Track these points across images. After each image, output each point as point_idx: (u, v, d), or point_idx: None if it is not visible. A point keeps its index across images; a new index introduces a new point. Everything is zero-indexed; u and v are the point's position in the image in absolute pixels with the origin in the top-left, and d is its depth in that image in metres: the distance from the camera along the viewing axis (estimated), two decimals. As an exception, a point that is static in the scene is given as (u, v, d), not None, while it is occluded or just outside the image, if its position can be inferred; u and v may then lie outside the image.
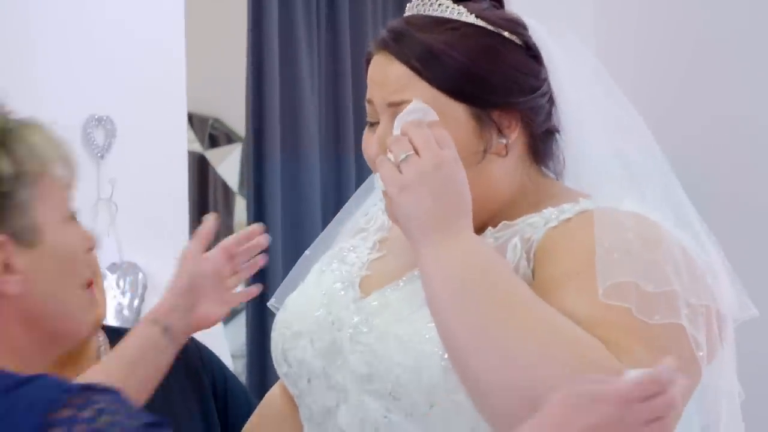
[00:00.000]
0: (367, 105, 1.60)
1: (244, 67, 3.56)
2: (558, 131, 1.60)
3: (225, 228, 4.81)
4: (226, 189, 4.86)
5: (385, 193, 1.53)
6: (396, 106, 1.54)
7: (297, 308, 1.66)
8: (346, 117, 3.69)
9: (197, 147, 4.67)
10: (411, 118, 1.51)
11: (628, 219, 1.48)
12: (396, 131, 1.52)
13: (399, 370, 1.49)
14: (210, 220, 1.80)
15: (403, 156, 1.47)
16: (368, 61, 1.60)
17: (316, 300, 1.64)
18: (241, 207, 4.72)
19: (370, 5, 3.76)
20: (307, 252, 1.84)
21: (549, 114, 1.58)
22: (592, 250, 1.44)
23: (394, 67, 1.55)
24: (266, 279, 3.01)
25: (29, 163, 1.31)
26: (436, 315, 1.44)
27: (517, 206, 1.57)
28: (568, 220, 1.51)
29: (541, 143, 1.59)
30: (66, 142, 1.38)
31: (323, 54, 3.69)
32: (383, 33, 1.59)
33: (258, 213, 3.56)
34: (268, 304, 1.87)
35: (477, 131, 1.55)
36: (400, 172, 1.47)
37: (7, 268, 1.29)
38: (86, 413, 1.19)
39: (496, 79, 1.54)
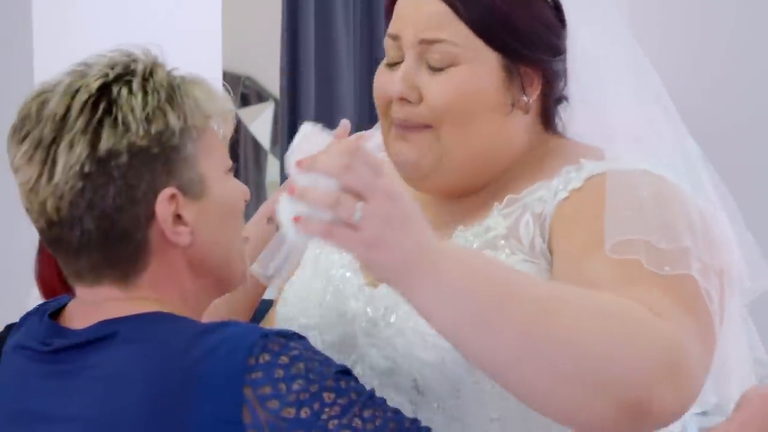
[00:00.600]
0: (388, 41, 1.53)
1: (279, 26, 3.56)
2: (567, 99, 1.57)
3: (256, 186, 4.83)
4: (257, 147, 4.87)
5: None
6: (429, 44, 1.49)
7: (299, 301, 1.59)
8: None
9: (229, 105, 4.68)
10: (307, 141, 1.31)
11: (641, 178, 1.45)
12: (291, 157, 1.27)
13: (421, 364, 1.45)
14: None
15: (357, 215, 1.25)
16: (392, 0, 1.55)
17: (317, 290, 1.58)
18: (273, 166, 4.72)
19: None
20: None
21: (565, 81, 1.55)
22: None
23: (432, 4, 1.49)
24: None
25: (194, 118, 1.35)
26: (465, 348, 1.32)
27: (524, 165, 1.54)
28: (579, 189, 1.47)
29: (553, 107, 1.56)
30: (225, 96, 1.43)
31: (359, 13, 3.68)
32: None
33: (290, 172, 3.57)
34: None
35: (506, 83, 1.51)
36: (356, 229, 1.26)
37: (178, 219, 1.34)
38: (284, 359, 1.26)
39: (532, 33, 1.52)
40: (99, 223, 1.32)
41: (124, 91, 1.32)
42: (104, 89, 1.32)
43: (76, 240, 1.33)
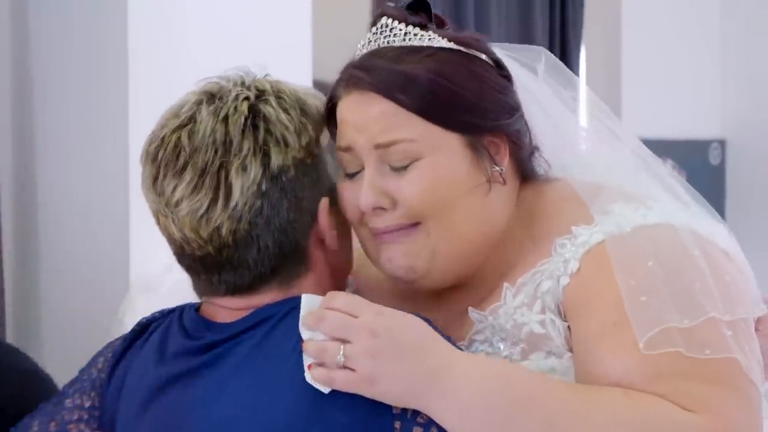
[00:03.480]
0: (342, 154, 1.46)
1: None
2: (538, 149, 1.53)
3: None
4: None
5: None
6: (386, 147, 1.42)
7: None
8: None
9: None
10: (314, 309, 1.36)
11: (640, 242, 1.39)
12: (305, 333, 1.35)
13: None
14: None
15: (341, 358, 1.30)
16: (331, 108, 1.48)
17: None
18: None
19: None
20: None
21: (529, 133, 1.51)
22: (618, 294, 1.36)
23: (375, 104, 1.42)
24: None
25: (319, 127, 1.42)
26: None
27: (514, 234, 1.49)
28: (578, 272, 1.41)
29: (527, 164, 1.52)
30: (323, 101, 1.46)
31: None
32: (351, 71, 1.47)
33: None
34: None
35: (475, 161, 1.46)
36: (353, 369, 1.30)
37: (329, 225, 1.42)
38: None
39: (485, 103, 1.46)
40: (276, 237, 1.38)
41: (270, 109, 1.38)
42: (253, 110, 1.38)
43: (251, 259, 1.37)
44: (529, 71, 1.55)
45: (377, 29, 1.48)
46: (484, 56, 1.48)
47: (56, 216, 2.95)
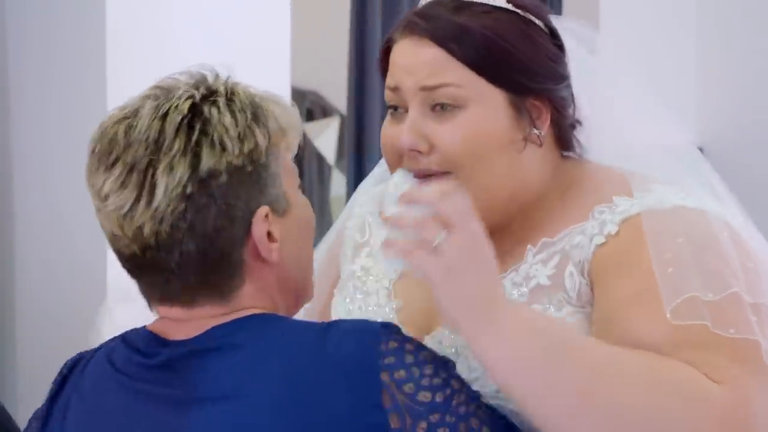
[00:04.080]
0: (389, 93, 1.51)
1: (347, 41, 3.58)
2: (580, 123, 1.55)
3: (320, 202, 4.84)
4: (321, 162, 4.89)
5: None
6: (430, 91, 1.46)
7: None
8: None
9: (295, 119, 4.70)
10: (404, 189, 1.39)
11: (675, 219, 1.43)
12: (390, 208, 1.37)
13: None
14: None
15: (440, 238, 1.32)
16: (386, 51, 1.52)
17: None
18: (338, 181, 4.74)
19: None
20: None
21: (574, 105, 1.53)
22: (650, 264, 1.39)
23: (428, 50, 1.47)
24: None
25: (275, 135, 1.35)
26: (522, 399, 1.34)
27: (550, 200, 1.52)
28: (616, 234, 1.44)
29: (568, 134, 1.54)
30: (296, 111, 1.42)
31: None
32: (410, 17, 1.51)
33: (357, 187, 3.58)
34: None
35: (515, 119, 1.48)
36: (444, 255, 1.31)
37: (269, 236, 1.33)
38: (409, 345, 1.29)
39: (534, 66, 1.48)
40: (199, 244, 1.31)
41: (214, 110, 1.31)
42: (195, 109, 1.31)
43: (173, 263, 1.32)
44: (587, 50, 1.59)
45: None
46: (539, 22, 1.51)
47: (32, 222, 2.94)
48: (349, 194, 3.59)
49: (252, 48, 3.16)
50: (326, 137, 4.88)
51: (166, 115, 1.31)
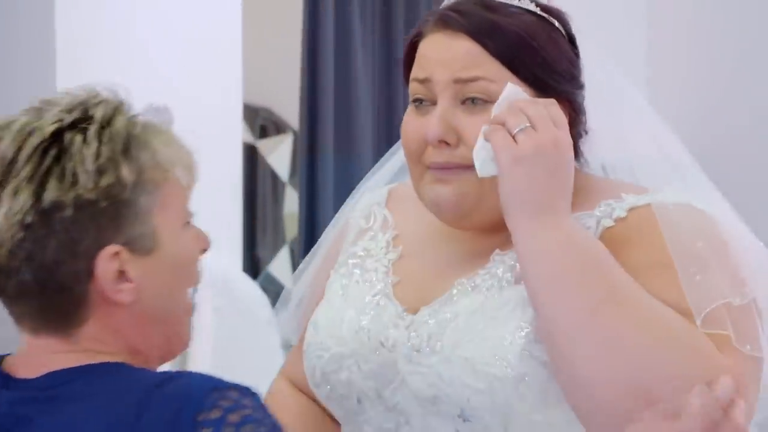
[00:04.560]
0: (416, 85, 1.53)
1: (298, 58, 3.59)
2: (587, 132, 1.58)
3: (274, 218, 4.84)
4: (275, 179, 4.89)
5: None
6: (464, 83, 1.49)
7: (330, 328, 1.59)
8: (400, 109, 3.71)
9: (248, 137, 4.69)
10: (515, 98, 1.47)
11: (687, 217, 1.47)
12: (496, 111, 1.47)
13: (469, 392, 1.46)
14: None
15: (521, 126, 1.42)
16: (414, 45, 1.55)
17: (350, 317, 1.58)
18: (291, 198, 4.74)
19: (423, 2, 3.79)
20: (300, 266, 1.80)
21: (585, 113, 1.56)
22: (664, 245, 1.44)
23: (461, 43, 1.50)
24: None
25: (151, 170, 1.28)
26: (536, 298, 1.42)
27: None
28: (624, 218, 1.49)
29: (576, 141, 1.56)
30: (187, 147, 1.35)
31: (378, 46, 3.70)
32: (442, 12, 1.53)
33: (310, 205, 3.59)
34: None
35: None
36: (517, 143, 1.42)
37: (121, 275, 1.26)
38: (234, 417, 1.18)
39: (559, 68, 1.52)
40: (37, 275, 1.25)
41: (78, 138, 1.25)
42: (58, 135, 1.25)
43: (12, 289, 1.26)
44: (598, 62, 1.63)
45: None
46: (562, 28, 1.56)
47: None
48: (302, 210, 3.60)
49: (204, 65, 3.18)
50: (279, 154, 4.88)
51: (29, 136, 1.25)
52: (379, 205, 1.69)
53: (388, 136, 3.71)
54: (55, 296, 1.26)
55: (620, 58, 1.63)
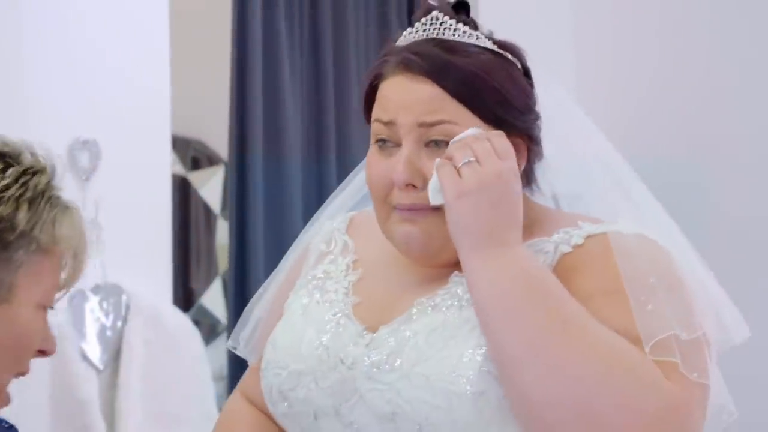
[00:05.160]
0: (379, 126, 1.57)
1: (227, 90, 3.59)
2: (542, 158, 1.62)
3: (207, 249, 4.82)
4: (208, 211, 4.87)
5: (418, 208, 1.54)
6: (428, 127, 1.52)
7: (289, 346, 1.62)
8: (329, 144, 3.72)
9: (179, 169, 4.68)
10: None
11: (640, 247, 1.51)
12: (454, 146, 1.50)
13: (428, 408, 1.48)
14: None
15: (465, 161, 1.46)
16: (374, 85, 1.58)
17: (310, 336, 1.60)
18: (223, 229, 4.73)
19: (352, 26, 3.80)
20: (259, 290, 1.83)
21: (540, 142, 1.60)
22: (618, 273, 1.48)
23: (423, 87, 1.53)
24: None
25: (43, 235, 1.25)
26: (486, 326, 1.45)
27: None
28: (581, 245, 1.53)
29: (534, 168, 1.61)
30: (86, 242, 1.31)
31: (306, 79, 3.71)
32: (404, 54, 1.56)
33: (240, 236, 3.58)
34: (226, 345, 1.86)
35: None
36: (460, 177, 1.46)
37: None
38: None
39: (518, 104, 1.56)
40: None
41: (0, 166, 1.25)
42: None
43: None
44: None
45: (428, 21, 1.58)
46: (518, 63, 1.59)
47: None
48: (232, 242, 3.58)
49: (131, 97, 3.16)
50: (211, 186, 4.87)
51: None
52: (339, 231, 1.73)
53: (318, 168, 3.72)
54: None
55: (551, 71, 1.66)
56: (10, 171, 1.24)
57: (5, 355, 1.26)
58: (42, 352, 1.29)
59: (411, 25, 1.60)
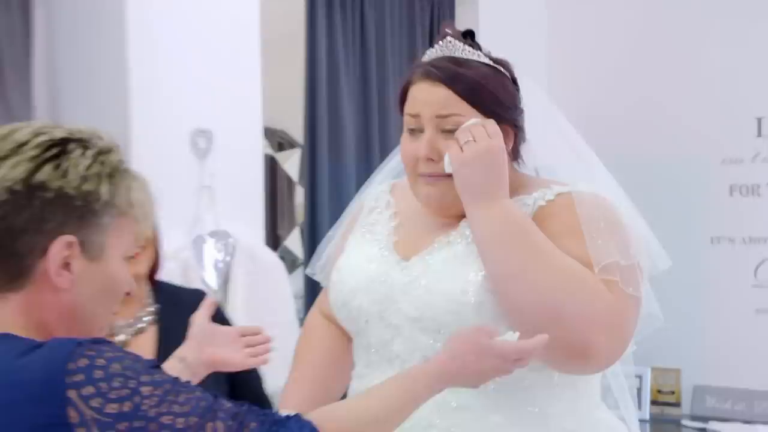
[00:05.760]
0: (410, 118, 1.58)
1: (302, 94, 3.59)
2: (525, 141, 1.63)
3: (288, 209, 4.83)
4: (289, 180, 4.88)
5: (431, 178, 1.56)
6: (443, 118, 1.55)
7: (349, 269, 1.63)
8: (374, 134, 3.71)
9: (269, 150, 4.68)
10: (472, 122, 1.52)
11: (594, 201, 1.54)
12: (459, 131, 1.52)
13: (443, 313, 1.50)
14: (210, 300, 1.63)
15: (465, 140, 1.50)
16: (406, 88, 1.60)
17: (363, 263, 1.62)
18: (299, 193, 4.73)
19: (389, 47, 3.78)
20: (329, 233, 1.84)
21: (524, 128, 1.62)
22: (577, 219, 1.50)
23: (440, 90, 1.54)
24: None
25: (121, 200, 1.17)
26: (485, 255, 1.48)
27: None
28: (553, 200, 1.55)
29: (519, 149, 1.63)
30: (155, 202, 1.23)
31: (358, 83, 3.70)
32: (427, 67, 1.57)
33: (311, 197, 3.58)
34: (306, 271, 1.87)
35: None
36: (462, 152, 1.50)
37: (66, 266, 1.13)
38: (100, 361, 1.05)
39: (507, 103, 1.58)
40: (2, 234, 1.11)
41: (79, 150, 1.15)
42: (63, 141, 1.15)
43: None
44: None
45: (444, 43, 1.59)
46: (508, 73, 1.60)
47: None
48: (306, 203, 3.59)
49: (229, 97, 3.14)
50: (291, 163, 4.87)
51: (41, 134, 1.15)
52: (384, 192, 1.74)
53: (366, 150, 3.71)
54: (7, 259, 1.12)
55: (524, 68, 1.67)
56: (88, 152, 1.15)
57: (105, 301, 1.18)
58: (127, 294, 1.21)
59: (432, 46, 1.62)
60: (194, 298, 1.92)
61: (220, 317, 1.90)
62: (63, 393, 1.02)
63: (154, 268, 1.98)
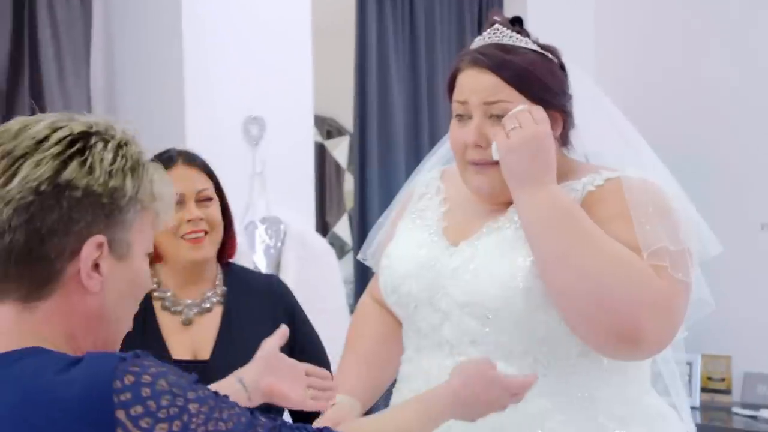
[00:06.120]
0: (457, 104, 1.58)
1: (352, 84, 3.60)
2: (574, 126, 1.62)
3: (337, 196, 4.85)
4: (338, 167, 4.90)
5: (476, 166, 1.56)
6: (491, 104, 1.54)
7: (399, 255, 1.63)
8: (423, 122, 3.70)
9: (319, 138, 4.71)
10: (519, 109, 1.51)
11: (643, 186, 1.52)
12: (506, 118, 1.51)
13: (491, 298, 1.49)
14: (283, 330, 1.57)
15: (511, 127, 1.49)
16: (454, 75, 1.59)
17: (412, 248, 1.62)
18: (349, 180, 4.75)
19: (439, 34, 3.77)
20: (380, 219, 1.85)
21: (572, 115, 1.60)
22: (626, 204, 1.49)
23: (488, 77, 1.53)
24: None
25: (145, 195, 1.11)
26: (532, 241, 1.47)
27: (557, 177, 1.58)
28: (602, 185, 1.54)
29: (568, 134, 1.61)
30: (171, 189, 1.16)
31: (406, 74, 3.70)
32: (475, 54, 1.55)
33: (361, 185, 3.60)
34: (358, 257, 1.88)
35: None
36: (509, 138, 1.48)
37: (95, 267, 1.07)
38: (146, 378, 1.00)
39: (555, 89, 1.56)
40: (29, 238, 1.04)
41: (100, 144, 1.08)
42: (84, 135, 1.08)
43: (1, 247, 1.05)
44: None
45: (492, 30, 1.57)
46: (555, 59, 1.58)
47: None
48: (356, 189, 3.60)
49: (281, 85, 3.17)
50: (340, 150, 4.89)
51: (59, 128, 1.08)
52: (434, 179, 1.74)
53: (415, 138, 3.71)
54: (36, 264, 1.05)
55: (572, 55, 1.65)
56: (109, 146, 1.09)
57: (129, 303, 1.13)
58: (146, 290, 1.16)
59: (480, 34, 1.61)
60: (265, 284, 1.95)
61: (285, 303, 1.94)
62: (111, 413, 0.96)
63: (225, 252, 1.98)
